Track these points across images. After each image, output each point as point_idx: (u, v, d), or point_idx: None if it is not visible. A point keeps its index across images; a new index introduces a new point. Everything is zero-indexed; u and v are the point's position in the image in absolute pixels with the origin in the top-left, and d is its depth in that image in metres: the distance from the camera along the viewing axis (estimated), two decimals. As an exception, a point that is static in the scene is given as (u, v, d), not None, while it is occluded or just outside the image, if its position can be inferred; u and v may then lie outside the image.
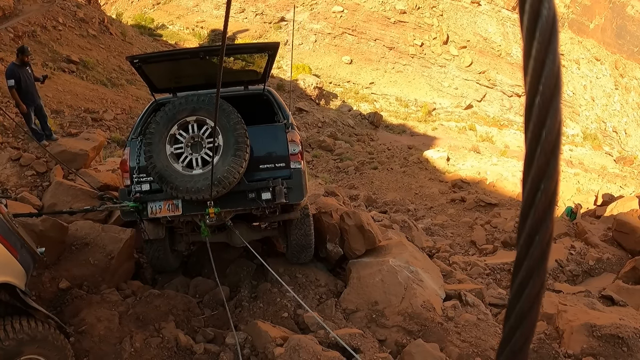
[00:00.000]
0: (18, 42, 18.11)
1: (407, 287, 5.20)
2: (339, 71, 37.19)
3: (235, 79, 5.39)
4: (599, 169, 28.86)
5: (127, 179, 4.66)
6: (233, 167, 4.21)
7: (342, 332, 4.43)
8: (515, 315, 0.52)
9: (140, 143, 4.59)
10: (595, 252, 9.43)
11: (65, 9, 23.76)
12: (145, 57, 4.83)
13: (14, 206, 5.43)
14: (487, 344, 4.67)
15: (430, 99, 37.25)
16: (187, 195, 4.23)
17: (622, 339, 4.75)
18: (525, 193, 0.50)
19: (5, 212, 3.39)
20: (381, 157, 23.11)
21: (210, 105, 4.29)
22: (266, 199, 4.46)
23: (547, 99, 0.47)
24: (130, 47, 26.16)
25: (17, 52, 7.63)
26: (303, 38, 38.61)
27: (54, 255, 4.93)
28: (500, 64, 39.60)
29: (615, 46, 42.13)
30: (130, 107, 19.06)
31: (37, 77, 8.12)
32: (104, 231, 5.43)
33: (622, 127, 39.13)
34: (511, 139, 34.18)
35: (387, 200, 16.80)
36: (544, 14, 0.47)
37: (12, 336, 2.98)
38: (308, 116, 27.58)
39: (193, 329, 4.66)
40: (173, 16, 39.40)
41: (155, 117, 4.42)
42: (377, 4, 40.25)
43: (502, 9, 41.71)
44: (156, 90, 5.37)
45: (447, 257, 9.78)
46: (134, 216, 4.55)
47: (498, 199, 17.07)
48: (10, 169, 6.76)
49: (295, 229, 5.23)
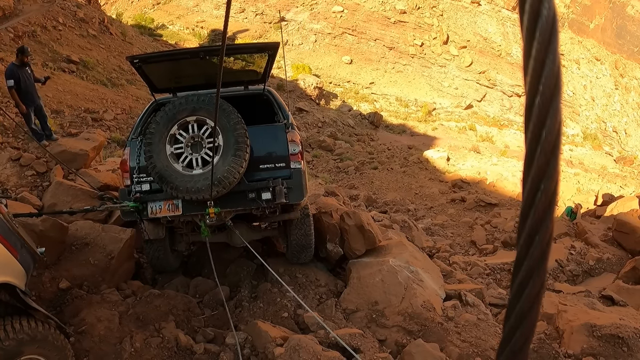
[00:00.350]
0: (18, 42, 18.11)
1: (407, 287, 5.20)
2: (339, 71, 37.20)
3: (235, 79, 5.39)
4: (599, 169, 28.86)
5: (127, 179, 4.65)
6: (233, 167, 4.20)
7: (342, 332, 4.43)
8: (515, 315, 0.52)
9: (140, 143, 4.59)
10: (595, 252, 9.43)
11: (65, 9, 23.76)
12: (146, 57, 4.83)
13: (14, 206, 5.43)
14: (487, 344, 4.67)
15: (430, 99, 37.26)
16: (187, 195, 4.22)
17: (622, 339, 4.75)
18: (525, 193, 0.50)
19: (6, 212, 3.39)
20: (381, 157, 23.11)
21: (210, 105, 4.28)
22: (266, 199, 4.45)
23: (547, 99, 0.47)
24: (130, 47, 26.16)
25: (17, 52, 7.63)
26: (303, 38, 38.62)
27: (54, 255, 4.93)
28: (501, 64, 39.61)
29: (615, 46, 42.13)
30: (130, 107, 19.06)
31: (39, 78, 8.11)
32: (104, 231, 5.44)
33: (622, 127, 39.14)
34: (511, 139, 34.19)
35: (387, 200, 16.80)
36: (544, 14, 0.47)
37: (12, 336, 2.98)
38: (308, 116, 27.58)
39: (193, 329, 4.66)
40: (173, 16, 39.41)
41: (156, 117, 4.41)
42: (377, 4, 40.26)
43: (502, 8, 41.71)
44: (156, 90, 5.37)
45: (447, 257, 9.77)
46: (134, 216, 4.55)
47: (498, 199, 17.07)
48: (11, 169, 6.76)
49: (296, 229, 5.23)
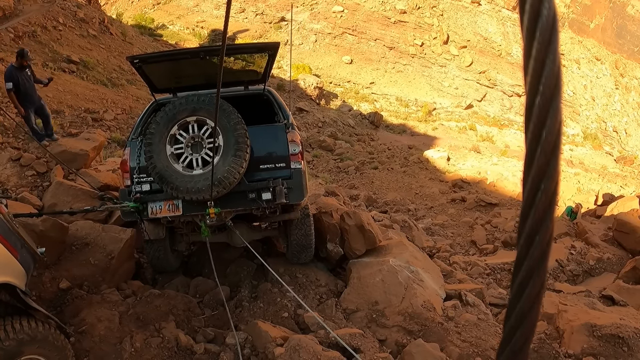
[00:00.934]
0: (18, 43, 18.13)
1: (408, 287, 5.20)
2: (339, 71, 37.21)
3: (235, 79, 5.38)
4: (600, 169, 28.86)
5: (127, 179, 4.64)
6: (233, 167, 4.20)
7: (343, 332, 4.43)
8: (515, 315, 0.52)
9: (140, 143, 4.58)
10: (595, 252, 9.42)
11: (65, 9, 23.77)
12: (146, 57, 4.81)
13: (15, 206, 5.43)
14: (487, 343, 4.67)
15: (430, 98, 37.27)
16: (187, 196, 4.21)
17: (623, 338, 4.75)
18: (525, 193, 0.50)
19: (6, 212, 3.39)
20: (381, 157, 23.10)
21: (210, 106, 4.27)
22: (266, 199, 4.45)
23: (548, 99, 0.47)
24: (130, 47, 26.17)
25: (17, 55, 7.62)
26: (303, 38, 38.63)
27: (54, 255, 4.93)
28: (501, 64, 39.61)
29: (616, 46, 42.14)
30: (130, 107, 19.07)
31: (41, 80, 8.11)
32: (104, 231, 5.43)
33: (622, 126, 39.15)
34: (511, 138, 34.20)
35: (387, 200, 16.79)
36: (544, 14, 0.47)
37: (12, 336, 2.98)
38: (308, 116, 27.58)
39: (193, 329, 4.66)
40: (173, 16, 39.42)
41: (156, 117, 4.40)
42: (378, 3, 40.27)
43: (502, 8, 41.72)
44: (156, 91, 5.36)
45: (448, 257, 9.77)
46: (134, 216, 4.54)
47: (498, 199, 17.07)
48: (11, 169, 6.76)
49: (296, 229, 5.22)
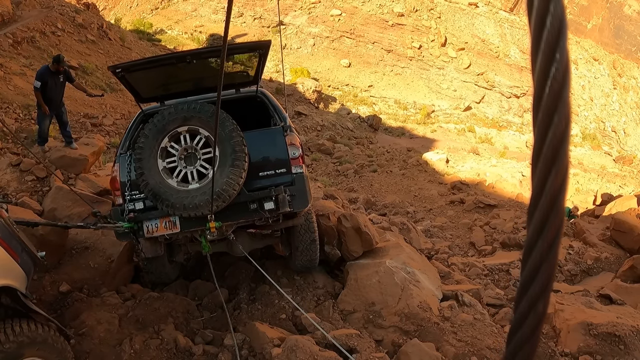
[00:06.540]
0: (17, 48, 18.22)
1: (404, 287, 5.23)
2: (337, 74, 37.31)
3: (226, 81, 5.09)
4: (598, 169, 28.87)
5: (118, 197, 4.31)
6: (232, 178, 3.94)
7: (339, 332, 4.46)
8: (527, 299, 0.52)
9: (129, 158, 4.30)
10: (593, 252, 9.44)
11: (64, 15, 23.88)
12: (128, 65, 4.47)
13: (15, 211, 5.47)
14: (483, 343, 4.70)
15: (429, 101, 37.35)
16: (184, 213, 3.96)
17: (619, 337, 4.77)
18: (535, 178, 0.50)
19: (7, 216, 3.44)
20: (380, 160, 23.13)
21: (202, 113, 4.01)
22: (269, 209, 4.18)
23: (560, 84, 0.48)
24: (129, 52, 26.26)
25: (53, 59, 7.72)
26: (301, 42, 38.74)
27: (54, 259, 4.98)
28: (499, 65, 39.70)
29: (613, 46, 42.26)
30: (129, 112, 19.13)
31: (90, 92, 8.42)
32: (104, 235, 5.49)
33: (621, 126, 39.24)
34: (510, 140, 34.24)
35: (386, 202, 16.82)
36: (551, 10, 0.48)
37: (12, 339, 3.02)
38: (307, 120, 27.65)
39: (192, 330, 4.70)
40: (172, 21, 39.54)
41: (144, 129, 4.12)
42: (375, 7, 40.42)
43: (500, 10, 41.87)
44: (142, 100, 5.08)
45: (446, 258, 9.78)
46: (129, 237, 4.26)
47: (497, 200, 17.08)
48: (11, 174, 6.81)
49: (300, 236, 4.98)
